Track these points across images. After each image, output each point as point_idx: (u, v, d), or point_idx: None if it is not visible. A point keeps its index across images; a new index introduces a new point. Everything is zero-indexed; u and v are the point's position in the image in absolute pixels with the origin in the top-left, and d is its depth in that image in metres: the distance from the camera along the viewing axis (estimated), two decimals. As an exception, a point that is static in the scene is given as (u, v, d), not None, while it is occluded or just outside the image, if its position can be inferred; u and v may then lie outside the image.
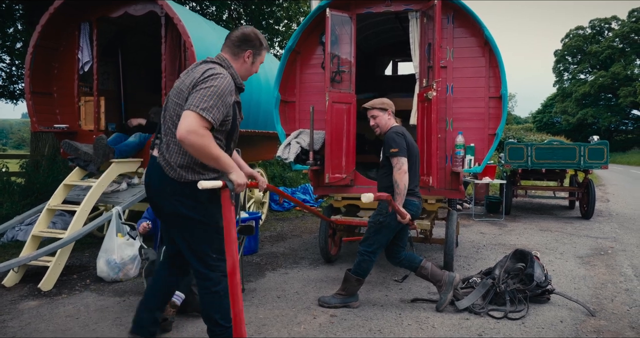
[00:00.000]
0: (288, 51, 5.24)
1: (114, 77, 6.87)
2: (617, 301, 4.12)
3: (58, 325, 3.47)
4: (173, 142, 2.45)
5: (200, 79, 2.38)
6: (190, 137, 2.23)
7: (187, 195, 2.46)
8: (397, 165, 3.66)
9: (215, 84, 2.34)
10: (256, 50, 2.63)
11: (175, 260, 2.75)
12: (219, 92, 2.34)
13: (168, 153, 2.47)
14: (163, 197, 2.51)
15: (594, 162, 8.44)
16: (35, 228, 4.71)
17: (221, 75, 2.40)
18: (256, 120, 6.65)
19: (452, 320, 3.63)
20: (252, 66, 2.66)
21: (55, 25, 5.54)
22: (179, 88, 2.47)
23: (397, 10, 5.06)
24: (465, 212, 9.35)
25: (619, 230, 7.65)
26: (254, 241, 5.74)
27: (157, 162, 2.51)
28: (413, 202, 3.82)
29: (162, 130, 2.55)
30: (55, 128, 5.67)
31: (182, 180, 2.45)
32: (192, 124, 2.25)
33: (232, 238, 2.40)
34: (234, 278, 2.39)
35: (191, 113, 2.27)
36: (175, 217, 2.52)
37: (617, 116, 45.58)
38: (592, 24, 48.93)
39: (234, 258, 2.40)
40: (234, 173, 2.41)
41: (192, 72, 2.48)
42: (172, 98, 2.49)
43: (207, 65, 2.47)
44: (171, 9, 4.99)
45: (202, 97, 2.30)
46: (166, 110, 2.53)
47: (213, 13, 11.64)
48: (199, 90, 2.33)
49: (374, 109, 3.91)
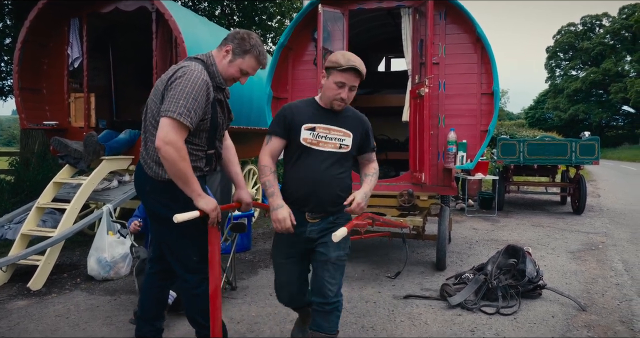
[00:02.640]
0: (280, 47, 5.20)
1: (105, 73, 6.79)
2: (607, 296, 4.15)
3: (48, 325, 3.43)
4: (151, 140, 2.39)
5: (172, 78, 2.29)
6: (166, 148, 2.18)
7: (164, 194, 2.40)
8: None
9: (187, 84, 2.24)
10: (237, 48, 2.43)
11: (162, 261, 2.67)
12: (190, 92, 2.23)
13: (146, 150, 2.43)
14: (144, 196, 2.50)
15: (585, 157, 8.50)
16: (24, 227, 4.66)
17: (190, 72, 2.28)
18: (248, 117, 6.62)
19: (444, 316, 3.64)
20: (229, 66, 2.44)
21: (44, 21, 5.46)
22: (155, 86, 2.43)
23: (389, 7, 5.04)
24: (457, 208, 9.38)
25: (609, 225, 7.71)
26: (246, 238, 5.72)
27: (140, 162, 2.48)
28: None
29: (142, 127, 2.49)
30: (45, 125, 5.60)
31: (159, 179, 2.39)
32: (169, 134, 2.19)
33: (216, 261, 2.36)
34: (216, 301, 2.37)
35: (168, 120, 2.20)
36: (155, 217, 2.50)
37: (608, 112, 45.99)
38: (584, 21, 49.25)
39: (216, 282, 2.37)
40: (201, 200, 2.29)
41: (170, 70, 2.42)
42: (151, 96, 2.44)
43: (182, 63, 2.40)
44: (162, 5, 4.94)
45: (177, 101, 2.21)
46: (147, 108, 2.47)
47: (205, 9, 11.56)
48: (170, 91, 2.26)
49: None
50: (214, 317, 2.39)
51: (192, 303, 2.55)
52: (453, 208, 9.17)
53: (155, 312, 2.72)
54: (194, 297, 2.53)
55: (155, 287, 2.70)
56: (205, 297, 2.45)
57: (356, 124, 2.60)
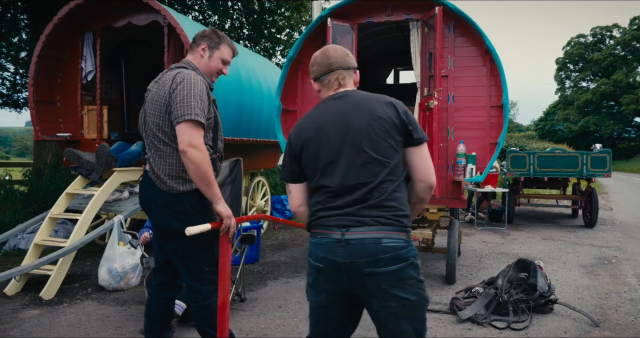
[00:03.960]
0: (290, 60, 5.26)
1: (117, 86, 6.91)
2: (621, 311, 4.09)
3: (59, 334, 3.46)
4: (157, 155, 2.46)
5: (173, 87, 2.38)
6: (192, 152, 2.27)
7: (178, 208, 2.46)
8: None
9: (190, 87, 2.35)
10: (211, 43, 2.59)
11: (166, 272, 2.71)
12: (195, 93, 2.34)
13: (156, 166, 2.47)
14: (154, 210, 2.52)
15: (597, 170, 8.42)
16: (37, 237, 4.72)
17: (188, 76, 2.39)
18: (258, 129, 6.67)
19: (454, 331, 3.61)
20: (210, 60, 2.59)
21: (59, 35, 5.59)
22: (153, 99, 2.48)
23: (398, 20, 5.09)
24: (467, 220, 9.32)
25: (622, 239, 7.61)
26: (255, 250, 5.73)
27: (149, 176, 2.52)
28: (312, 239, 1.91)
29: (146, 145, 2.55)
30: (58, 136, 5.69)
31: (174, 192, 2.45)
32: (194, 137, 2.28)
33: (226, 273, 2.39)
34: (224, 313, 2.38)
35: (186, 124, 2.29)
36: (167, 230, 2.52)
37: (620, 124, 45.57)
38: (594, 32, 49.09)
39: (225, 294, 2.39)
40: (221, 203, 2.40)
41: (161, 82, 2.48)
42: (149, 111, 2.49)
43: (174, 71, 2.49)
44: (174, 19, 5.03)
45: (188, 104, 2.31)
46: (145, 125, 2.53)
47: (215, 22, 11.73)
48: (176, 97, 2.34)
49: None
50: (221, 329, 2.40)
51: (202, 315, 2.57)
52: (462, 220, 9.12)
53: (162, 324, 2.73)
54: (204, 309, 2.55)
55: (160, 298, 2.72)
56: (216, 308, 2.48)
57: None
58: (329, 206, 1.85)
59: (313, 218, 1.91)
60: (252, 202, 7.26)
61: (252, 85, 6.43)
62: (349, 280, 1.79)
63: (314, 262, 1.86)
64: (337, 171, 1.84)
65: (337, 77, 1.98)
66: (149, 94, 2.54)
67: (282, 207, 9.40)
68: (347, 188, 1.83)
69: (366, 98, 1.91)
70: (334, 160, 1.85)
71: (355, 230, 1.77)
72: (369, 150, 1.82)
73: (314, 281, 1.89)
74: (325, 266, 1.81)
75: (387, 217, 1.78)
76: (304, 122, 1.99)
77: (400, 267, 1.75)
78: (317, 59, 2.02)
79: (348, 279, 1.79)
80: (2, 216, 6.68)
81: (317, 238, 1.86)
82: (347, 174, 1.83)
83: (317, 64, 2.02)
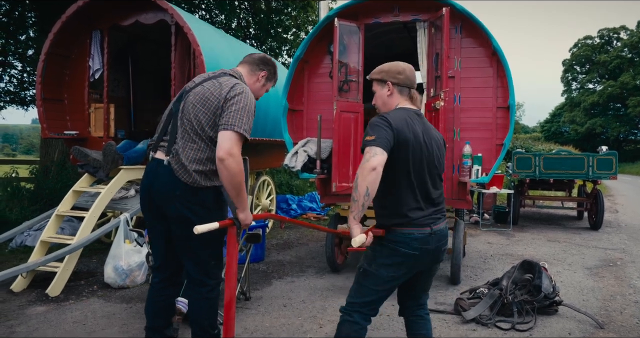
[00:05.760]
0: (296, 60, 5.27)
1: (124, 84, 6.94)
2: (626, 313, 4.07)
3: (65, 331, 3.48)
4: (190, 147, 2.47)
5: (232, 94, 2.43)
6: (231, 161, 2.31)
7: (195, 199, 2.49)
8: (365, 156, 2.21)
9: (247, 102, 2.44)
10: (270, 74, 2.77)
11: (166, 270, 2.71)
12: (250, 110, 2.44)
13: (185, 157, 2.46)
14: (170, 200, 2.49)
15: (603, 172, 8.39)
16: (43, 234, 4.75)
17: (247, 91, 2.49)
18: (264, 128, 6.68)
19: (459, 331, 3.61)
20: (262, 88, 2.76)
21: (67, 33, 5.61)
22: (203, 95, 2.48)
23: (405, 20, 5.09)
24: (472, 221, 9.30)
25: (628, 241, 7.58)
26: (260, 249, 5.74)
27: (166, 165, 2.49)
28: (407, 234, 2.31)
29: (179, 133, 2.51)
30: (65, 134, 5.72)
31: (195, 185, 2.47)
32: (234, 147, 2.33)
33: (233, 272, 2.41)
34: (230, 311, 2.40)
35: (233, 134, 2.34)
36: (180, 222, 2.51)
37: (626, 126, 45.27)
38: (601, 34, 48.81)
39: (231, 293, 2.41)
40: (245, 212, 2.47)
41: (217, 82, 2.50)
42: (194, 103, 2.48)
43: (233, 80, 2.53)
44: (181, 18, 5.05)
45: (241, 117, 2.38)
46: (183, 113, 2.51)
47: (222, 21, 11.75)
48: (232, 106, 2.40)
49: (373, 81, 2.54)
50: (227, 328, 2.41)
51: (203, 307, 2.61)
52: (467, 221, 9.10)
53: (163, 321, 2.75)
54: (206, 300, 2.60)
55: (162, 295, 2.74)
56: (216, 300, 2.59)
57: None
58: (417, 207, 2.35)
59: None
60: (258, 201, 7.27)
61: (258, 84, 6.43)
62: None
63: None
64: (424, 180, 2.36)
65: (413, 95, 2.49)
66: (195, 87, 2.54)
67: (287, 207, 9.42)
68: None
69: (433, 128, 2.53)
70: (421, 174, 2.34)
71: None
72: (438, 166, 2.45)
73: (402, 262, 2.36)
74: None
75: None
76: (397, 119, 2.30)
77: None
78: (407, 72, 2.45)
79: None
80: (8, 213, 6.73)
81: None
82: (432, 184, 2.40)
83: (406, 76, 2.44)
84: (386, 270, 2.35)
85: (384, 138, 2.21)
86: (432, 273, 2.59)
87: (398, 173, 2.30)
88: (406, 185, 2.32)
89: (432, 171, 2.39)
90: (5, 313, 3.82)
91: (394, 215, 2.34)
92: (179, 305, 3.35)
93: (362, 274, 2.44)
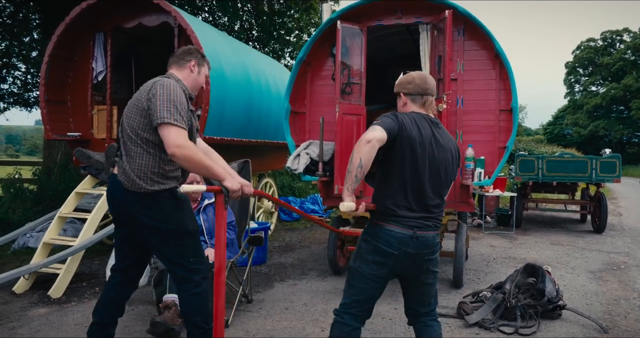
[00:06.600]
0: (299, 62, 5.27)
1: (127, 86, 6.95)
2: (630, 318, 4.05)
3: (67, 332, 3.48)
4: (131, 157, 2.52)
5: (152, 91, 2.46)
6: (181, 151, 2.34)
7: (149, 206, 2.52)
8: (365, 133, 2.28)
9: (165, 91, 2.43)
10: (199, 60, 2.75)
11: (127, 272, 2.78)
12: (171, 98, 2.42)
13: (128, 165, 2.52)
14: (127, 210, 2.56)
15: (606, 175, 8.35)
16: (46, 236, 4.75)
17: (168, 83, 2.48)
18: (266, 131, 6.69)
19: (461, 335, 3.59)
20: (200, 75, 2.76)
21: (70, 35, 5.63)
22: (131, 103, 2.57)
23: (407, 23, 5.09)
24: (475, 224, 9.28)
25: (631, 244, 7.54)
26: (262, 251, 5.73)
27: (118, 179, 2.55)
28: (387, 231, 2.34)
29: (121, 146, 2.60)
30: (69, 136, 5.74)
31: (143, 191, 2.49)
32: (178, 138, 2.36)
33: (221, 241, 2.42)
34: (219, 278, 2.41)
35: (167, 127, 2.36)
36: (143, 229, 2.56)
37: (630, 128, 45.13)
38: (604, 36, 48.71)
39: (220, 260, 2.42)
40: (228, 180, 2.47)
41: (142, 88, 2.57)
42: (126, 113, 2.57)
43: (155, 79, 2.57)
44: (184, 20, 5.06)
45: (167, 108, 2.38)
46: (122, 127, 2.60)
47: (225, 23, 11.78)
48: (153, 98, 2.42)
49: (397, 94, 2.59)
50: (217, 292, 2.39)
51: (192, 303, 2.63)
52: (470, 224, 9.08)
53: (112, 318, 2.79)
54: (194, 297, 2.62)
55: (115, 290, 2.78)
56: (205, 295, 2.60)
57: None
58: (405, 206, 2.36)
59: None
60: (260, 203, 7.27)
61: (261, 86, 6.45)
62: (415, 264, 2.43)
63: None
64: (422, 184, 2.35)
65: (426, 101, 2.46)
66: (130, 101, 2.61)
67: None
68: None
69: (450, 138, 2.50)
70: (419, 174, 2.34)
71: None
72: (443, 176, 2.43)
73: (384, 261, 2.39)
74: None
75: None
76: (405, 117, 2.35)
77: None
78: (416, 81, 2.45)
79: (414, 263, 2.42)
80: (11, 214, 6.74)
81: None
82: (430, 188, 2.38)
83: (415, 84, 2.45)
84: (368, 266, 2.39)
85: (388, 123, 2.29)
86: (424, 285, 2.52)
87: (393, 164, 2.36)
88: (398, 180, 2.36)
89: (435, 177, 2.38)
90: (7, 314, 3.82)
91: (379, 203, 2.41)
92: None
93: (350, 273, 2.50)
